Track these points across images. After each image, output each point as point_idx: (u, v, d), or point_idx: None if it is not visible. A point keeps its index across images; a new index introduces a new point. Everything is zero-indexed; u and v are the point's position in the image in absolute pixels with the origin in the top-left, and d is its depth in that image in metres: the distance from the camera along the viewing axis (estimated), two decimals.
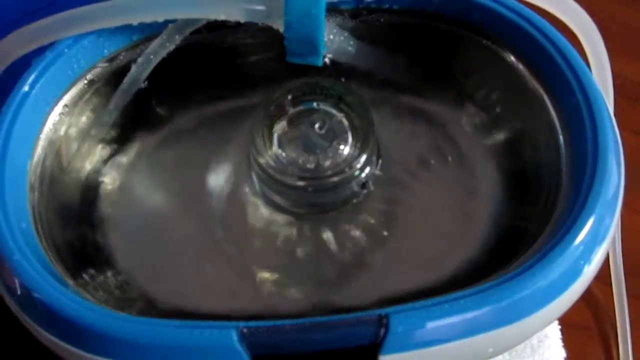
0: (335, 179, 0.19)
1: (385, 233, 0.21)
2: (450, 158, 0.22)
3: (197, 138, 0.24)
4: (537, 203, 0.19)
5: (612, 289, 0.30)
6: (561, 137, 0.19)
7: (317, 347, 0.16)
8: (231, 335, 0.15)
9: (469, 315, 0.16)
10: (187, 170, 0.23)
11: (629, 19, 0.39)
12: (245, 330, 0.16)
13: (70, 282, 0.18)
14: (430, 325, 0.16)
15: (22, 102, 0.19)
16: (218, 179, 0.23)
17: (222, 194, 0.22)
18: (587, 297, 0.32)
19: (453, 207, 0.21)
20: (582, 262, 0.17)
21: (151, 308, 0.19)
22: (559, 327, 0.27)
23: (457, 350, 0.16)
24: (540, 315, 0.17)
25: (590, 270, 0.17)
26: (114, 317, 0.16)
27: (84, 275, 0.19)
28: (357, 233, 0.21)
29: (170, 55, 0.21)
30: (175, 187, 0.23)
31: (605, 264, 0.29)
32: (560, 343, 0.27)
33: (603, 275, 0.31)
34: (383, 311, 0.16)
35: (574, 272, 0.17)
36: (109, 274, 0.20)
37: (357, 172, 0.19)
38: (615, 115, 0.22)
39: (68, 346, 0.16)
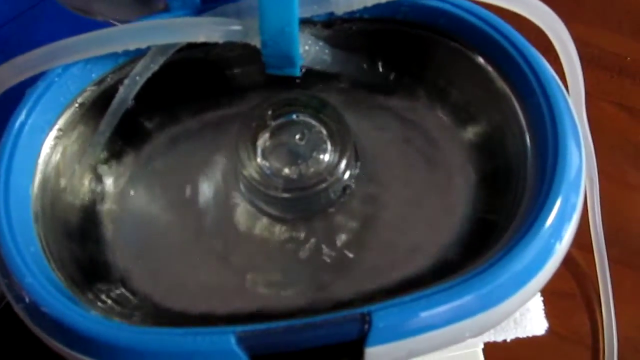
0: (318, 187, 0.20)
1: (365, 230, 0.22)
2: (424, 155, 0.23)
3: (187, 149, 0.25)
4: (507, 196, 0.21)
5: (593, 256, 0.31)
6: (527, 133, 0.21)
7: (308, 344, 0.17)
8: (230, 339, 0.17)
9: (446, 307, 0.17)
10: (179, 180, 0.24)
11: None
12: (241, 334, 0.17)
13: (80, 296, 0.19)
14: (409, 319, 0.17)
15: (19, 131, 0.21)
16: (210, 186, 0.24)
17: (214, 201, 0.24)
18: (570, 264, 0.34)
19: (428, 202, 0.23)
20: (553, 241, 0.18)
21: (157, 312, 0.21)
22: (542, 298, 0.29)
23: (437, 338, 0.18)
24: (518, 297, 0.18)
25: (562, 247, 0.19)
26: (119, 329, 0.17)
27: (93, 289, 0.21)
28: (340, 232, 0.23)
29: (155, 72, 0.23)
30: (169, 198, 0.24)
31: (586, 231, 0.31)
32: (542, 314, 0.28)
33: (584, 243, 0.32)
34: (366, 309, 0.17)
35: (547, 252, 0.18)
36: (116, 285, 0.21)
37: (338, 178, 0.21)
38: (594, 86, 0.23)
39: (74, 353, 0.18)
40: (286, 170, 0.21)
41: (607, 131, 0.36)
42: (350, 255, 0.22)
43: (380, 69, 0.24)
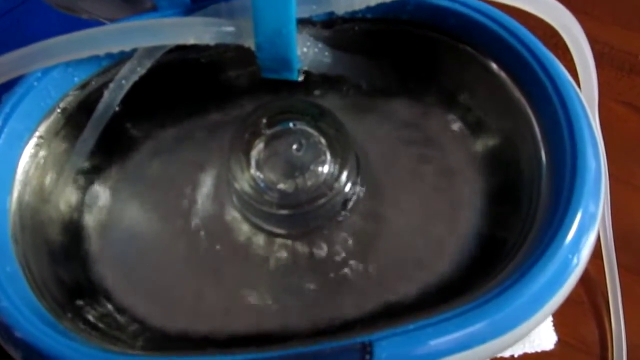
0: (317, 203, 0.19)
1: (368, 247, 0.21)
2: (430, 166, 0.22)
3: (174, 157, 0.23)
4: (519, 210, 0.19)
5: (602, 262, 0.30)
6: (541, 142, 0.19)
7: None
8: None
9: (454, 335, 0.16)
10: (167, 190, 0.23)
11: None
12: None
13: (61, 317, 0.18)
14: (414, 349, 0.16)
15: None
16: (199, 197, 0.23)
17: (203, 213, 0.22)
18: None
19: (435, 217, 0.21)
20: (571, 257, 0.17)
21: (144, 331, 0.20)
22: None
23: None
24: (533, 320, 0.17)
25: (581, 262, 0.17)
26: (96, 357, 0.16)
27: (76, 308, 0.19)
28: (339, 249, 0.21)
29: (142, 75, 0.21)
30: (158, 210, 0.23)
31: (596, 237, 0.30)
32: (551, 328, 0.27)
33: (594, 248, 0.31)
34: (367, 338, 0.16)
35: (566, 269, 0.17)
36: (101, 304, 0.20)
37: (338, 192, 0.19)
38: (604, 85, 0.21)
39: None
40: (281, 185, 0.19)
41: (616, 132, 0.34)
42: (352, 273, 0.21)
43: (384, 73, 0.23)
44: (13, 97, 0.20)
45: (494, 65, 0.21)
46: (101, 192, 0.23)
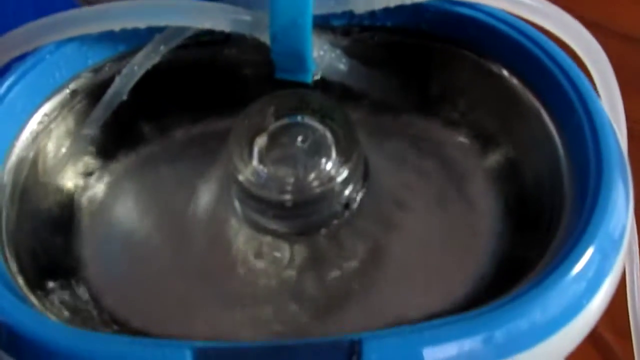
0: (316, 191, 0.18)
1: (372, 261, 0.19)
2: (444, 183, 0.21)
3: (181, 158, 0.23)
4: (538, 229, 0.18)
5: (631, 344, 0.27)
6: (563, 160, 0.18)
7: None
8: (185, 355, 0.14)
9: (454, 344, 0.14)
10: (169, 190, 0.22)
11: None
12: (202, 352, 0.14)
13: (27, 295, 0.17)
14: (409, 354, 0.14)
15: None
16: (200, 200, 0.22)
17: (202, 215, 0.21)
18: (604, 352, 0.30)
19: (447, 235, 0.20)
20: (580, 296, 0.15)
21: (114, 326, 0.18)
22: None
23: None
24: (538, 352, 0.15)
25: (592, 308, 0.16)
26: (52, 327, 0.15)
27: (45, 288, 0.18)
28: (342, 260, 0.20)
29: (158, 72, 0.21)
30: (156, 207, 0.22)
31: (624, 314, 0.27)
32: None
33: (621, 328, 0.28)
34: (356, 336, 0.14)
35: (573, 307, 0.15)
36: (74, 288, 0.19)
37: (338, 187, 0.18)
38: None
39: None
40: (282, 174, 0.18)
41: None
42: (349, 286, 0.19)
43: (399, 86, 0.22)
44: (22, 66, 0.19)
45: (513, 80, 0.20)
46: (99, 183, 0.22)
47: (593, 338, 0.35)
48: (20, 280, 0.17)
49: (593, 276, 0.16)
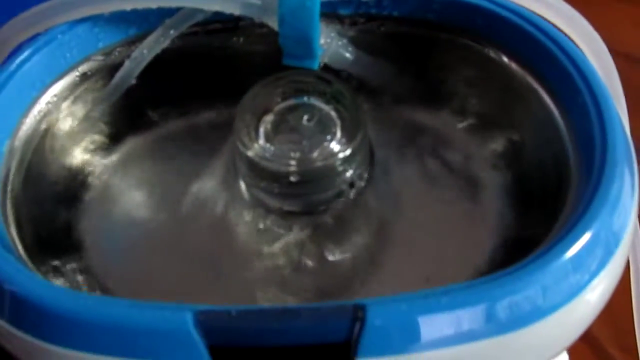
0: (318, 164, 0.18)
1: (377, 241, 0.19)
2: (450, 168, 0.21)
3: (187, 145, 0.23)
4: (546, 208, 0.18)
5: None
6: (567, 141, 0.18)
7: (281, 340, 0.14)
8: (185, 318, 0.14)
9: (456, 311, 0.14)
10: (175, 173, 0.22)
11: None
12: (203, 315, 0.14)
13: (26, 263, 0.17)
14: (417, 319, 0.14)
15: (5, 81, 0.19)
16: (205, 183, 0.22)
17: (207, 197, 0.21)
18: None
19: (452, 218, 0.20)
20: (579, 276, 0.15)
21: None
22: None
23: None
24: (536, 332, 0.15)
25: (591, 291, 0.15)
26: (47, 287, 0.14)
27: (45, 261, 0.18)
28: (348, 243, 0.20)
29: (168, 59, 0.21)
30: (160, 189, 0.22)
31: (631, 331, 0.27)
32: None
33: (628, 345, 0.27)
34: (360, 302, 0.14)
35: (571, 285, 0.15)
36: (72, 263, 0.19)
37: (341, 164, 0.18)
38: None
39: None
40: (288, 149, 0.18)
41: None
42: (355, 269, 0.19)
43: (406, 77, 0.22)
44: (34, 44, 0.20)
45: (520, 69, 0.20)
46: (105, 162, 0.22)
47: (599, 354, 0.34)
48: (19, 245, 0.17)
49: (593, 256, 0.15)
